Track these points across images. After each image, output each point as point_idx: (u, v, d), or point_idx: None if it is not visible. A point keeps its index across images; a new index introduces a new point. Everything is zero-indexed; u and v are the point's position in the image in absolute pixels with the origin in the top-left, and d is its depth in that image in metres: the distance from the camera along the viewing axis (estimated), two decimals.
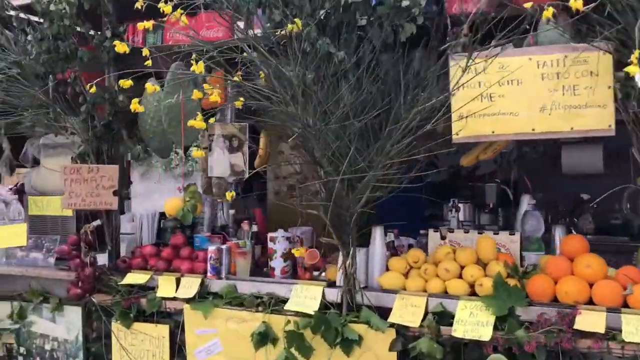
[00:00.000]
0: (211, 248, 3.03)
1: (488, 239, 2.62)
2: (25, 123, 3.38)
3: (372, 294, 2.67)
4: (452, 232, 2.91)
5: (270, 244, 3.12)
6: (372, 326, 2.55)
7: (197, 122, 2.41)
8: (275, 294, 2.85)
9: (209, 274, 3.03)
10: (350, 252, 2.64)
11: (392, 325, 2.54)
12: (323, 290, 2.74)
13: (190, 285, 3.02)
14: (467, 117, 2.33)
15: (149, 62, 2.38)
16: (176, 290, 3.04)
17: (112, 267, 3.27)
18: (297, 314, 2.73)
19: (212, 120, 2.42)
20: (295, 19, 2.39)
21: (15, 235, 3.56)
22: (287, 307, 2.74)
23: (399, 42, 2.49)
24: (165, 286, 3.07)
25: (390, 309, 2.61)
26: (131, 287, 3.16)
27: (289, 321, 2.72)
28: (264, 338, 2.77)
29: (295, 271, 3.14)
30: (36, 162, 4.31)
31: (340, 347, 2.60)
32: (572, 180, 4.33)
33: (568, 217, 4.97)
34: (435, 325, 2.45)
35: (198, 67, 2.27)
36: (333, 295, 2.73)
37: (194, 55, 2.53)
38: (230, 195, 2.41)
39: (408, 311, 2.55)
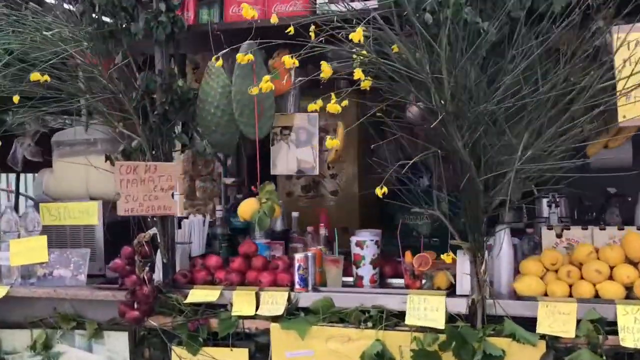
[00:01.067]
0: (299, 256, 2.61)
1: (636, 235, 2.35)
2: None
3: (503, 302, 2.35)
4: (569, 229, 2.63)
5: (356, 250, 2.74)
6: (518, 340, 2.23)
7: (332, 106, 2.00)
8: (384, 306, 2.47)
9: (297, 286, 2.60)
10: (486, 257, 2.31)
11: (542, 337, 2.23)
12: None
13: (274, 301, 2.58)
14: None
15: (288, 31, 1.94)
16: (256, 306, 2.60)
17: (168, 284, 2.77)
18: (417, 329, 2.37)
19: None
20: None
21: (34, 249, 2.98)
22: (408, 321, 2.36)
23: (548, 15, 2.17)
24: (242, 303, 2.61)
25: (525, 318, 2.30)
26: (195, 306, 2.68)
27: (415, 338, 2.34)
28: (380, 359, 2.38)
29: (382, 279, 2.79)
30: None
31: None
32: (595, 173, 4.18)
33: (594, 212, 4.85)
34: (598, 335, 2.16)
35: (356, 35, 1.85)
36: (456, 305, 2.39)
37: (312, 28, 2.14)
38: (380, 192, 2.00)
39: (557, 320, 2.24)
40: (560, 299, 2.29)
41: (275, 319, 2.55)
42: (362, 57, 2.06)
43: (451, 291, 2.48)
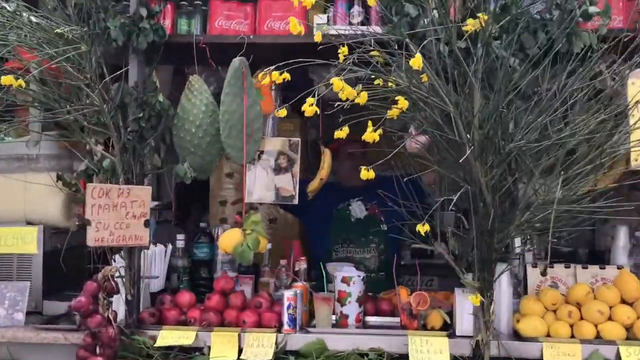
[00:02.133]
0: (288, 293, 2.39)
1: (631, 275, 2.40)
2: None
3: (507, 343, 2.29)
4: (552, 267, 2.65)
5: (341, 286, 2.57)
6: None
7: (370, 135, 1.85)
8: (382, 349, 2.32)
9: (285, 327, 2.38)
10: (494, 296, 2.24)
11: None
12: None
13: (260, 343, 2.34)
14: None
15: None
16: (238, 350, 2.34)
17: (132, 324, 2.43)
18: None
19: None
20: (480, 14, 1.95)
21: None
22: None
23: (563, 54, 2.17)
24: (222, 346, 2.34)
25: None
26: (166, 349, 2.37)
27: None
28: None
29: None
30: None
31: None
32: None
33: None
34: None
35: (416, 61, 1.71)
36: (458, 346, 2.29)
37: (343, 50, 1.97)
38: (423, 229, 1.85)
39: None
40: (564, 340, 2.27)
41: None
42: (394, 84, 1.92)
43: (450, 331, 2.39)
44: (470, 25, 1.95)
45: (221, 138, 2.44)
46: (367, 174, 1.84)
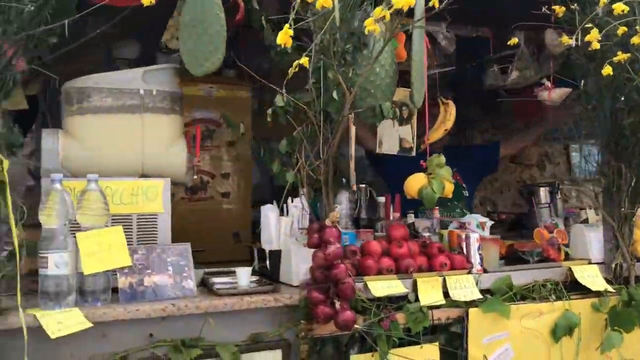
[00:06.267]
0: (476, 235, 2.43)
1: None
2: None
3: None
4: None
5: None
6: None
7: None
8: (553, 279, 2.54)
9: (478, 267, 2.42)
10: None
11: None
12: None
13: (463, 285, 2.34)
14: None
15: None
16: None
17: None
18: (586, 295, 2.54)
19: None
20: None
21: (111, 247, 1.93)
22: (594, 288, 2.52)
23: None
24: (429, 291, 2.28)
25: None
26: (378, 301, 2.20)
27: (593, 303, 2.51)
28: (571, 327, 2.44)
29: None
30: None
31: None
32: None
33: None
34: None
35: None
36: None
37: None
38: None
39: None
40: None
41: (468, 304, 2.32)
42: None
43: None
44: None
45: (411, 79, 2.35)
46: None
